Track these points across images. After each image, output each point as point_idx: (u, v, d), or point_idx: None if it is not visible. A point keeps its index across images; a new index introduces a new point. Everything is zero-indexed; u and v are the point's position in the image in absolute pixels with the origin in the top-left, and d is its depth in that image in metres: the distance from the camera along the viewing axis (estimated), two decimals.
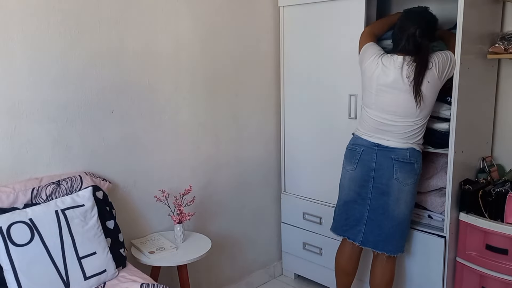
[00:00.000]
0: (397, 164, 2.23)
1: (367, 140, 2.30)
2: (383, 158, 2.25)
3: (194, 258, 2.23)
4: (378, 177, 2.27)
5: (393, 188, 2.24)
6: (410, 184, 2.24)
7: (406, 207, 2.26)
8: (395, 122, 2.23)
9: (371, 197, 2.30)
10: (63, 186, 2.01)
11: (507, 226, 2.15)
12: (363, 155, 2.30)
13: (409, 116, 2.20)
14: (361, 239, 2.35)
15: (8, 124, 1.95)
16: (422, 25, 2.15)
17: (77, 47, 2.10)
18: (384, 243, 2.30)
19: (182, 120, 2.56)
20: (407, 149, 2.23)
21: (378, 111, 2.27)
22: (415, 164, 2.24)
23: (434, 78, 2.15)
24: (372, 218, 2.31)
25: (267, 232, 3.16)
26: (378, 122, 2.27)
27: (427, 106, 2.20)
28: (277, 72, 3.00)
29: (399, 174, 2.22)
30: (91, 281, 1.84)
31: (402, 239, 2.32)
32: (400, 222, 2.27)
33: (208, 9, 2.59)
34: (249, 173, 2.97)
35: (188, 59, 2.54)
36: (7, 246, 1.70)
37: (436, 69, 2.14)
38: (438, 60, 2.16)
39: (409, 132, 2.23)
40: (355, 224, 2.36)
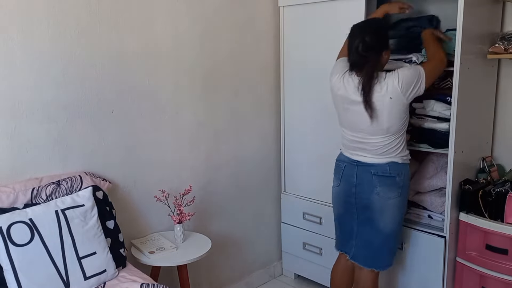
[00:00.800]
0: (377, 178, 2.17)
1: (348, 157, 2.28)
2: (363, 173, 2.21)
3: (194, 258, 2.23)
4: (359, 192, 2.23)
5: (375, 203, 2.19)
6: (393, 198, 2.17)
7: (392, 221, 2.20)
8: (367, 140, 2.17)
9: (357, 211, 2.26)
10: (63, 186, 2.01)
11: (507, 226, 2.15)
12: (345, 170, 2.28)
13: (377, 133, 2.13)
14: (352, 253, 2.32)
15: (8, 124, 1.95)
16: (366, 38, 2.05)
17: (77, 47, 2.10)
18: (373, 259, 2.27)
19: (182, 120, 2.56)
20: (386, 164, 2.17)
21: (349, 129, 2.24)
22: (397, 177, 2.17)
23: (397, 94, 2.06)
24: (362, 232, 2.28)
25: (267, 232, 3.16)
26: (352, 140, 2.24)
27: (395, 123, 2.11)
28: (277, 72, 3.00)
29: (380, 189, 2.17)
30: (91, 281, 1.84)
31: (390, 254, 2.28)
32: (388, 236, 2.22)
33: (208, 9, 2.59)
34: (249, 173, 2.97)
35: (188, 59, 2.54)
36: (7, 246, 1.70)
37: (400, 84, 2.05)
38: (403, 75, 2.06)
39: (383, 148, 2.16)
40: (349, 238, 2.34)
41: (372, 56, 2.07)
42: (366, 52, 2.06)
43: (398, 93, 2.06)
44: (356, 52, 2.08)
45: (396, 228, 2.24)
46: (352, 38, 2.11)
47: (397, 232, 2.27)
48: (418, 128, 2.45)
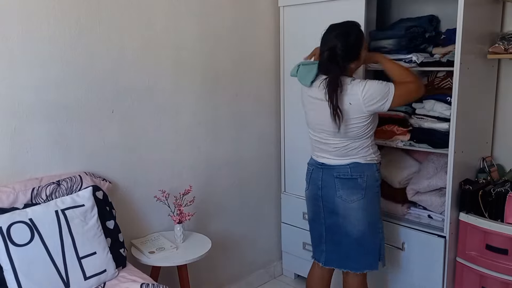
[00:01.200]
0: (339, 181, 2.15)
1: (315, 160, 2.27)
2: (327, 176, 2.19)
3: (194, 258, 2.23)
4: (325, 195, 2.21)
5: (339, 207, 2.17)
6: (356, 200, 2.13)
7: (359, 223, 2.15)
8: (327, 141, 2.16)
9: (324, 216, 2.24)
10: (63, 186, 2.01)
11: (507, 226, 2.15)
12: (313, 174, 2.28)
13: (336, 135, 2.11)
14: (324, 259, 2.28)
15: (8, 124, 1.95)
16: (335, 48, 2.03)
17: (77, 47, 2.10)
18: (346, 260, 2.23)
19: (182, 120, 2.56)
20: (347, 165, 2.14)
21: (312, 130, 2.23)
22: (359, 179, 2.13)
23: (358, 102, 2.02)
24: (330, 237, 2.25)
25: (267, 232, 3.16)
26: (315, 141, 2.23)
27: (353, 129, 2.08)
28: (277, 72, 3.00)
29: (342, 192, 2.15)
30: (91, 281, 1.84)
31: (367, 255, 2.21)
32: (357, 239, 2.17)
33: (208, 9, 2.59)
34: (249, 173, 2.97)
35: (188, 59, 2.54)
36: (7, 246, 1.70)
37: (363, 94, 2.00)
38: (370, 87, 2.01)
39: (343, 149, 2.14)
40: (318, 244, 2.32)
41: (337, 65, 2.05)
42: (331, 61, 2.06)
43: (359, 102, 2.02)
44: (322, 58, 2.09)
45: (366, 231, 2.17)
46: (324, 42, 2.10)
47: (370, 235, 2.18)
48: (418, 128, 2.45)
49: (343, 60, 2.06)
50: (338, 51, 2.04)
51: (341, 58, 2.05)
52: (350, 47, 2.07)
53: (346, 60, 2.07)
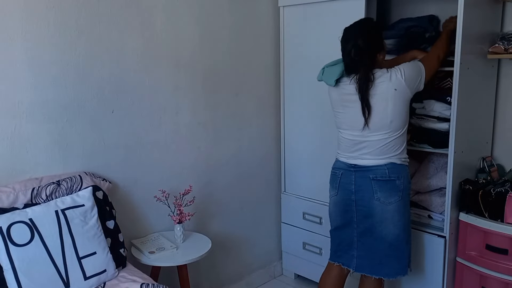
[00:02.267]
0: (376, 183, 2.12)
1: (344, 162, 2.23)
2: (361, 179, 2.16)
3: (194, 258, 2.24)
4: (359, 199, 2.17)
5: (375, 210, 2.13)
6: (394, 202, 2.12)
7: (395, 227, 2.13)
8: (367, 138, 2.13)
9: (357, 220, 2.20)
10: (63, 186, 2.01)
11: (507, 226, 2.15)
12: (342, 179, 2.23)
13: (380, 129, 2.11)
14: (355, 265, 2.24)
15: (8, 124, 1.95)
16: (358, 42, 2.05)
17: (77, 47, 2.10)
18: (380, 266, 2.19)
19: (182, 120, 2.56)
20: (385, 165, 2.12)
21: (349, 129, 2.20)
22: (397, 181, 2.12)
23: (402, 85, 2.06)
24: (362, 242, 2.21)
25: (267, 232, 3.16)
26: (351, 141, 2.19)
27: (397, 118, 2.10)
28: (277, 72, 3.00)
29: (380, 194, 2.12)
30: (91, 281, 1.84)
31: (400, 260, 2.18)
32: (392, 243, 2.15)
33: (208, 8, 2.59)
34: (249, 173, 2.97)
35: (188, 59, 2.54)
36: (7, 246, 1.70)
37: (403, 76, 2.06)
38: (406, 69, 2.08)
39: (383, 147, 2.12)
40: (347, 249, 2.27)
41: (366, 59, 2.06)
42: (359, 56, 2.06)
43: (402, 85, 2.07)
44: (349, 57, 2.09)
45: (401, 234, 2.15)
46: (345, 42, 2.10)
47: (404, 239, 2.17)
48: (418, 128, 2.45)
49: (370, 53, 2.07)
50: (362, 45, 2.05)
51: (367, 52, 2.06)
52: (373, 39, 2.09)
53: (373, 52, 2.08)
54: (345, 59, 2.13)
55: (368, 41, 2.06)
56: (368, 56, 2.06)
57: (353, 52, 2.06)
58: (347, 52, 2.09)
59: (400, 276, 2.21)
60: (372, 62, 2.08)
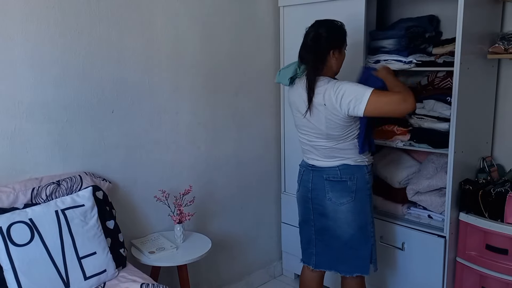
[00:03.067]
0: (329, 183, 2.13)
1: (305, 162, 2.25)
2: (317, 178, 2.17)
3: (194, 258, 2.24)
4: (314, 197, 2.19)
5: (328, 209, 2.15)
6: (346, 203, 2.11)
7: (349, 227, 2.13)
8: (314, 142, 2.14)
9: (313, 218, 2.22)
10: (63, 186, 2.01)
11: (507, 226, 2.15)
12: (304, 176, 2.25)
13: (320, 136, 2.09)
14: (314, 262, 2.26)
15: (8, 124, 1.95)
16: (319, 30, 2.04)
17: (77, 47, 2.10)
18: (336, 263, 2.21)
19: (182, 120, 2.56)
20: (337, 167, 2.11)
21: (300, 131, 2.20)
22: (349, 182, 2.10)
23: (332, 104, 1.98)
24: (320, 239, 2.23)
25: (267, 232, 3.16)
26: (303, 143, 2.21)
27: (335, 131, 2.04)
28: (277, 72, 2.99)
29: (331, 194, 2.13)
30: (91, 281, 1.84)
31: (358, 259, 2.17)
32: (347, 242, 2.15)
33: (208, 9, 2.59)
34: (249, 173, 2.97)
35: (188, 59, 2.54)
36: (7, 246, 1.70)
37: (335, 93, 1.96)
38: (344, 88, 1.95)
39: (331, 151, 2.11)
40: (307, 247, 2.29)
41: (318, 49, 2.03)
42: (314, 42, 2.03)
43: (332, 103, 1.98)
44: (305, 41, 2.07)
45: (356, 234, 2.14)
46: (308, 29, 2.10)
47: (360, 238, 2.15)
48: (418, 128, 2.46)
49: (327, 44, 2.03)
50: (324, 33, 2.03)
51: (324, 41, 2.03)
52: (336, 33, 2.07)
53: (329, 45, 2.04)
54: (301, 47, 2.10)
55: (328, 33, 2.04)
56: (322, 46, 2.03)
57: (310, 36, 2.05)
58: (305, 35, 2.08)
59: (359, 274, 2.20)
60: (323, 53, 2.04)
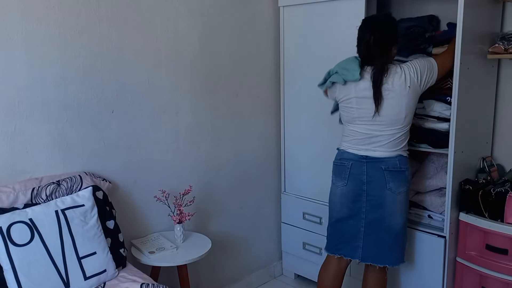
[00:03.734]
0: (389, 174, 2.18)
1: (354, 154, 2.24)
2: (373, 169, 2.19)
3: (194, 258, 2.24)
4: (370, 189, 2.21)
5: (387, 199, 2.19)
6: (403, 192, 2.20)
7: (401, 217, 2.22)
8: (381, 132, 2.17)
9: (365, 211, 2.23)
10: (63, 186, 2.01)
11: (507, 226, 2.15)
12: (353, 169, 2.24)
13: (395, 123, 2.16)
14: (360, 255, 2.27)
15: (8, 124, 1.95)
16: (377, 33, 2.10)
17: (77, 47, 2.10)
18: (385, 256, 2.25)
19: (182, 120, 2.56)
20: (396, 157, 2.19)
21: (364, 123, 2.20)
22: (406, 172, 2.21)
23: (414, 83, 2.13)
24: (369, 232, 2.24)
25: (267, 232, 3.16)
26: (365, 134, 2.20)
27: (410, 113, 2.18)
28: (277, 72, 3.00)
29: (392, 184, 2.18)
30: (91, 281, 1.84)
31: (401, 249, 2.28)
32: (398, 233, 2.23)
33: (208, 9, 2.59)
34: (249, 173, 2.97)
35: (188, 59, 2.54)
36: (7, 246, 1.70)
37: (415, 74, 2.12)
38: (418, 65, 2.14)
39: (395, 140, 2.18)
40: (351, 241, 2.29)
41: (382, 50, 2.11)
42: (376, 45, 2.10)
43: (414, 82, 2.12)
44: (366, 46, 2.12)
45: (405, 223, 2.27)
46: (363, 32, 2.14)
47: (405, 230, 2.29)
48: (418, 128, 2.45)
49: (387, 45, 2.12)
50: (380, 36, 2.10)
51: (384, 42, 2.11)
52: (390, 31, 2.14)
53: (389, 44, 2.13)
54: (361, 49, 2.16)
55: (385, 33, 2.12)
56: (384, 47, 2.12)
57: (372, 40, 2.09)
58: (364, 41, 2.12)
59: (401, 263, 2.30)
60: (387, 53, 2.13)
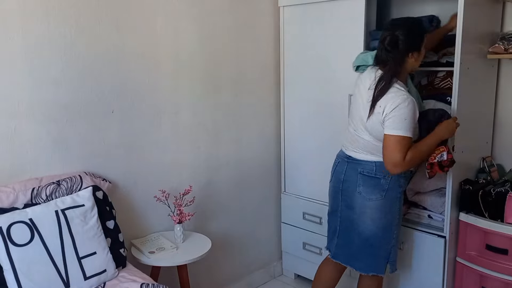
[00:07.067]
0: (362, 177, 2.13)
1: (343, 152, 2.25)
2: (351, 170, 2.17)
3: (194, 258, 2.24)
4: (345, 189, 2.20)
5: (356, 202, 2.16)
6: (375, 199, 2.11)
7: (373, 223, 2.13)
8: (360, 134, 2.13)
9: (340, 209, 2.24)
10: (63, 186, 2.01)
11: (507, 226, 2.15)
12: (337, 167, 2.27)
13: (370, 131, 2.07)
14: (333, 252, 2.30)
15: (8, 124, 1.95)
16: (396, 33, 1.98)
17: (77, 47, 2.10)
18: (354, 259, 2.22)
19: (182, 120, 2.56)
20: (373, 162, 2.11)
21: (352, 119, 2.19)
22: (382, 179, 2.09)
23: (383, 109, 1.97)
24: (343, 230, 2.25)
25: (267, 232, 3.16)
26: (351, 132, 2.19)
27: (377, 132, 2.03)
28: (277, 72, 3.00)
29: (362, 188, 2.13)
30: (91, 281, 1.84)
31: (375, 258, 2.18)
32: (367, 238, 2.15)
33: (208, 8, 2.59)
34: (249, 173, 2.97)
35: (188, 59, 2.54)
36: (7, 246, 1.70)
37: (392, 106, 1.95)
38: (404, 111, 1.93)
39: (374, 147, 2.09)
40: (332, 237, 2.32)
41: (397, 53, 1.99)
42: (391, 47, 1.99)
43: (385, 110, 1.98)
44: (382, 45, 2.03)
45: (379, 233, 2.14)
46: (385, 30, 2.06)
47: (381, 238, 2.15)
48: None
49: (404, 48, 1.99)
50: (400, 36, 1.98)
51: (402, 45, 1.98)
52: (413, 35, 2.01)
53: (407, 48, 2.00)
54: (378, 49, 2.08)
55: (406, 35, 1.98)
56: (400, 50, 1.99)
57: (387, 40, 2.00)
58: (381, 39, 2.04)
59: (374, 273, 2.20)
60: (402, 57, 2.01)
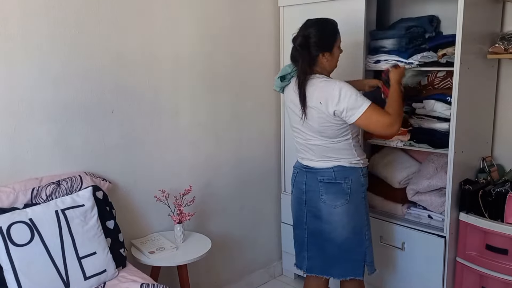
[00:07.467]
0: (323, 185, 2.10)
1: (299, 163, 2.22)
2: (311, 180, 2.13)
3: (194, 258, 2.24)
4: (309, 199, 2.16)
5: (323, 211, 2.12)
6: (340, 205, 2.08)
7: (343, 229, 2.10)
8: (309, 141, 2.11)
9: (307, 221, 2.19)
10: (63, 186, 2.01)
11: (507, 226, 2.15)
12: (297, 177, 2.22)
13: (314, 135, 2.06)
14: (306, 266, 2.24)
15: (8, 124, 1.95)
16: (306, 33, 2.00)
17: (77, 47, 2.10)
18: (331, 267, 2.18)
19: (182, 120, 2.56)
20: (331, 168, 2.08)
21: (295, 131, 2.17)
22: (343, 184, 2.07)
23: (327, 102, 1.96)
24: (312, 242, 2.19)
25: (267, 232, 3.16)
26: (299, 143, 2.18)
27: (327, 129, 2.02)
28: (277, 72, 2.98)
29: (326, 196, 2.10)
30: (91, 281, 1.84)
31: (351, 262, 2.15)
32: (341, 245, 2.12)
33: (208, 8, 2.59)
34: (249, 173, 2.97)
35: (188, 59, 2.54)
36: (7, 246, 1.70)
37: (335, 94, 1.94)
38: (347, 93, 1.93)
39: (326, 150, 2.08)
40: (299, 251, 2.27)
41: (306, 53, 2.01)
42: (301, 47, 2.01)
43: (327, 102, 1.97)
44: (294, 45, 2.05)
45: (350, 237, 2.12)
46: (298, 30, 2.07)
47: (354, 241, 2.13)
48: (418, 128, 2.46)
49: (315, 48, 2.01)
50: (311, 37, 2.00)
51: (313, 45, 2.00)
52: (324, 36, 2.03)
53: (318, 48, 2.01)
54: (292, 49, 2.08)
55: (316, 36, 2.00)
56: (311, 50, 2.01)
57: (298, 40, 2.02)
58: (293, 38, 2.06)
59: (353, 277, 2.17)
60: (312, 57, 2.02)
